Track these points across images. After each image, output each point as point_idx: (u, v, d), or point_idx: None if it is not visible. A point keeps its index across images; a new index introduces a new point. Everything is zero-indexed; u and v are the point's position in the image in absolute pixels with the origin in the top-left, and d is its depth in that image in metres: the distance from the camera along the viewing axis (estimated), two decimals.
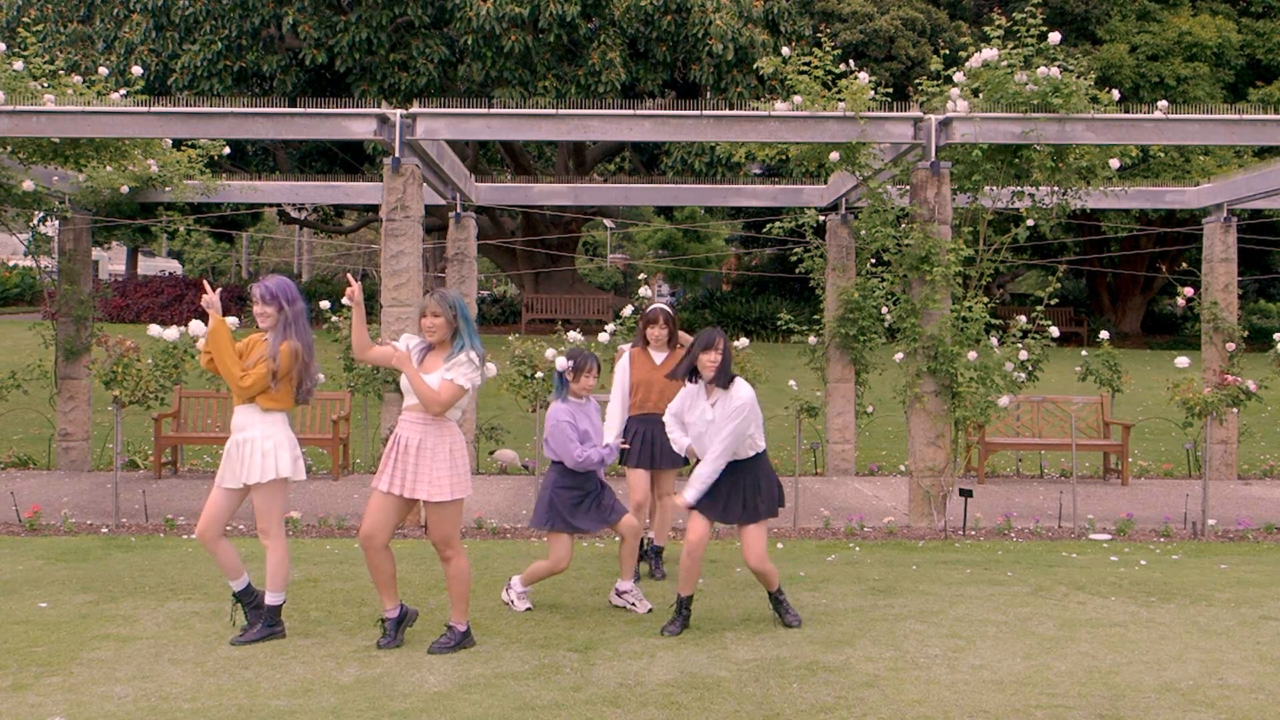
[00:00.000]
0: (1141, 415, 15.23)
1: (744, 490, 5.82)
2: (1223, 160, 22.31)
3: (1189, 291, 10.73)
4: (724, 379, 5.73)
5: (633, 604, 6.15)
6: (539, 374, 8.53)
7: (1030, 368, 10.43)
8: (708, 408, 5.79)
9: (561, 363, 6.15)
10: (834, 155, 9.20)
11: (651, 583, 6.83)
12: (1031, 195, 9.64)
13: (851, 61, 9.66)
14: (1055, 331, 10.15)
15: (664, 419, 6.16)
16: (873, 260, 10.68)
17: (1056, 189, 9.51)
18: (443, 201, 11.45)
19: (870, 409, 12.08)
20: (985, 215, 9.61)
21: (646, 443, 6.75)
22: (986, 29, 9.55)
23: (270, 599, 5.46)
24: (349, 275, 5.89)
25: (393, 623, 5.39)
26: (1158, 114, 8.90)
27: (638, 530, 6.22)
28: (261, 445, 5.36)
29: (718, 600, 6.37)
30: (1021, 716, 4.57)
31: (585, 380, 6.15)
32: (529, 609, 6.08)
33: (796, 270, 12.02)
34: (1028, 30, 9.02)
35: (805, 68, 9.18)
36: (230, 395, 5.86)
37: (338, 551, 7.64)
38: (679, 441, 6.03)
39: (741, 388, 5.75)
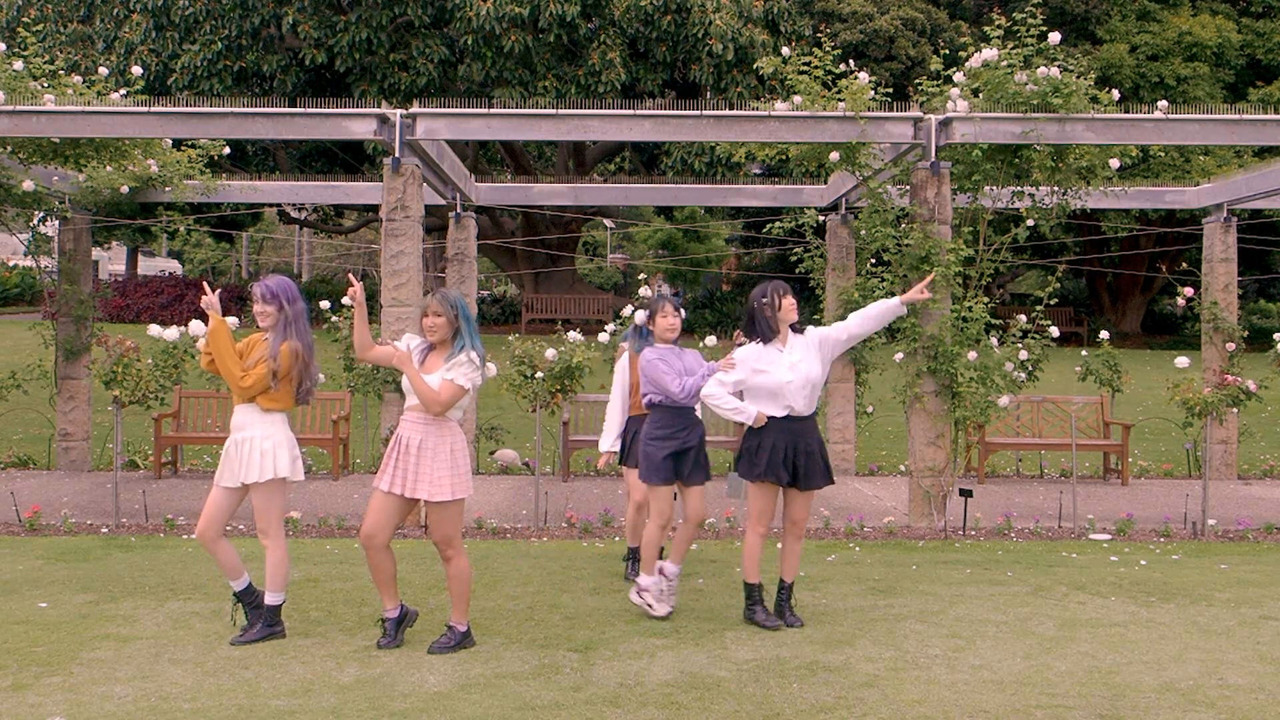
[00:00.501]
0: (1141, 415, 15.23)
1: (806, 454, 5.78)
2: (1223, 160, 22.31)
3: (1189, 291, 10.72)
4: (802, 322, 5.89)
5: (649, 605, 5.96)
6: (539, 374, 8.52)
7: (1030, 368, 10.43)
8: (787, 354, 5.77)
9: (640, 315, 6.06)
10: (834, 155, 9.20)
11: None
12: (1031, 195, 9.64)
13: (851, 61, 9.66)
14: (1055, 331, 10.15)
15: (708, 395, 5.75)
16: (873, 260, 10.67)
17: (1056, 189, 9.50)
18: (443, 201, 11.45)
19: (870, 409, 12.08)
20: (985, 215, 9.61)
21: None
22: (986, 29, 9.55)
23: (270, 599, 5.46)
24: (351, 275, 5.90)
25: (393, 623, 5.39)
26: (1158, 114, 8.90)
27: (702, 517, 6.09)
28: (260, 445, 5.36)
29: (718, 600, 6.37)
30: (1021, 716, 4.57)
31: (663, 321, 5.96)
32: (669, 612, 5.96)
33: (796, 270, 12.02)
34: (1028, 30, 9.02)
35: (805, 68, 9.17)
36: (230, 395, 5.86)
37: (338, 551, 7.64)
38: (745, 411, 5.73)
39: (807, 327, 5.93)
